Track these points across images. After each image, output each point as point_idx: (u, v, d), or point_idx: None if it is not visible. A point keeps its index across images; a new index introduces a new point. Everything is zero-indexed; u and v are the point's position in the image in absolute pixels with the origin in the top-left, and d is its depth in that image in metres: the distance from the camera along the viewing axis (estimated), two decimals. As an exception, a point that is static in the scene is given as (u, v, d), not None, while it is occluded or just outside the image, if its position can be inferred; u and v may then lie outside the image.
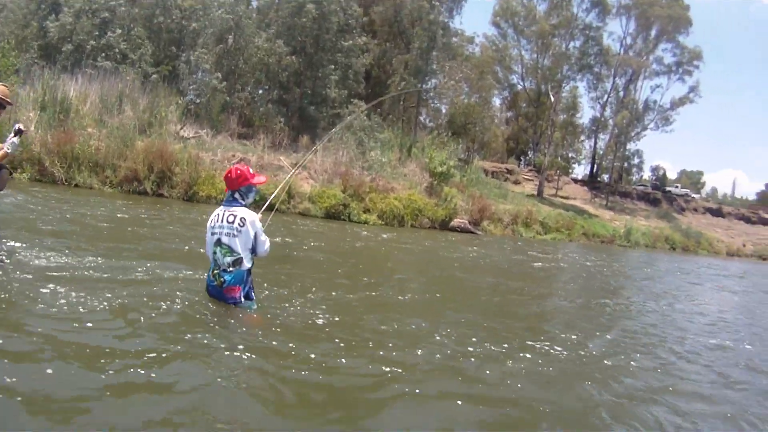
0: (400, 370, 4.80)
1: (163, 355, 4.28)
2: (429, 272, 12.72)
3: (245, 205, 5.61)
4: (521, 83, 59.61)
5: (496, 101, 62.22)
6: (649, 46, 58.77)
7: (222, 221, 5.46)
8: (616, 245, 39.53)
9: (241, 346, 4.68)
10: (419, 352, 5.50)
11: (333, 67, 33.96)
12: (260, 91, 35.34)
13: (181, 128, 25.75)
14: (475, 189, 33.82)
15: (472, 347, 5.92)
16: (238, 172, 5.56)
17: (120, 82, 25.54)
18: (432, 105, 49.90)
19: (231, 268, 5.44)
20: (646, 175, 79.32)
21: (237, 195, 5.57)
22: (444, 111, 50.85)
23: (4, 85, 6.33)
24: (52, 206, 12.89)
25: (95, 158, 19.61)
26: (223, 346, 4.63)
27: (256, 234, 5.51)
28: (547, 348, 6.34)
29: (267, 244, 5.67)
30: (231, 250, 5.41)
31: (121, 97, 24.62)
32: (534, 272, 15.97)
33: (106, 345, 4.29)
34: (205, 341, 4.70)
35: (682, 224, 56.07)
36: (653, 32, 57.86)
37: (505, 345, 6.23)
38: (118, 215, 13.29)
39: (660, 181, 78.31)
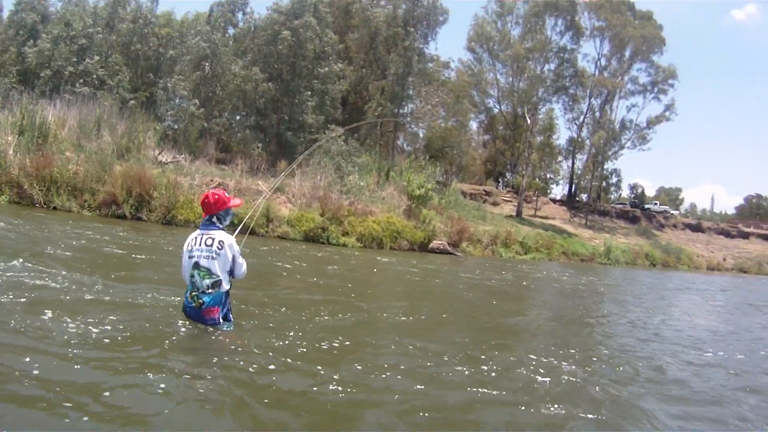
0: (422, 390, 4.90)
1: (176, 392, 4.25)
2: (430, 293, 12.85)
3: (222, 228, 5.74)
4: (497, 106, 60.62)
5: (473, 124, 63.01)
6: (623, 66, 59.69)
7: (200, 244, 5.57)
8: (596, 263, 39.81)
9: (272, 367, 4.88)
10: (445, 373, 5.59)
11: (309, 93, 34.33)
12: (238, 117, 35.59)
13: (159, 153, 25.84)
14: (453, 211, 33.97)
15: (494, 363, 6.14)
16: (216, 196, 5.68)
17: (98, 108, 25.62)
18: (409, 129, 50.24)
19: (210, 290, 5.53)
20: (625, 193, 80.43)
21: (215, 219, 5.70)
22: (421, 135, 51.40)
23: None
24: (52, 230, 13.03)
25: (73, 182, 19.77)
26: (244, 375, 4.72)
27: (234, 257, 5.65)
28: (555, 364, 6.51)
29: (244, 267, 5.81)
30: (210, 273, 5.52)
31: (99, 123, 24.68)
32: (530, 292, 16.31)
33: (112, 382, 4.19)
34: (219, 369, 4.80)
35: (662, 241, 56.60)
36: (627, 53, 58.77)
37: (512, 358, 6.50)
38: (107, 238, 13.28)
39: (638, 198, 79.18)
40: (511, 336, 8.61)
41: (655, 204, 75.00)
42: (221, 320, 5.67)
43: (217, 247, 5.52)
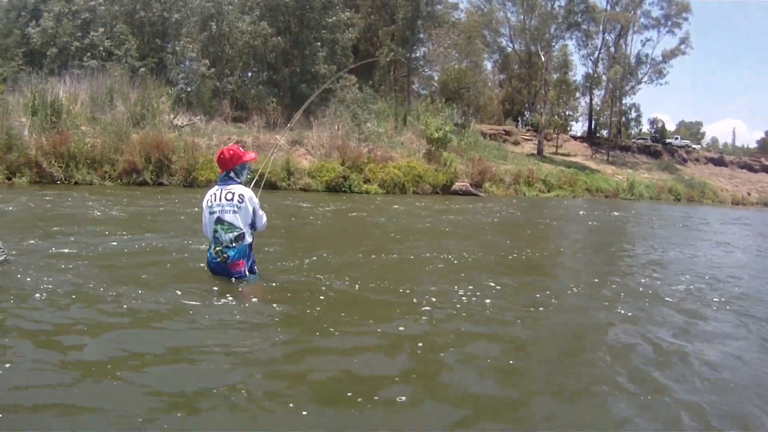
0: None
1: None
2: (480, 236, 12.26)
3: (240, 183, 5.72)
4: (510, 45, 59.37)
5: (488, 65, 62.02)
6: (635, 0, 58.19)
7: (220, 200, 5.54)
8: (620, 199, 39.30)
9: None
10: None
11: (319, 44, 33.94)
12: (249, 74, 35.44)
13: (174, 117, 25.81)
14: (474, 152, 33.73)
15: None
16: (231, 152, 5.65)
17: (108, 79, 25.61)
18: (423, 73, 49.83)
19: (234, 244, 5.52)
20: (645, 128, 78.67)
21: (232, 174, 5.67)
22: (436, 78, 50.95)
23: None
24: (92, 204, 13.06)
25: (92, 155, 19.88)
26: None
27: (254, 209, 5.63)
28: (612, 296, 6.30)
29: (264, 219, 5.81)
30: (232, 227, 5.51)
31: (111, 93, 24.70)
32: (570, 227, 16.30)
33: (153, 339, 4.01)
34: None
35: (685, 175, 55.70)
36: (639, -14, 57.23)
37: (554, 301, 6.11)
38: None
39: (659, 133, 77.41)
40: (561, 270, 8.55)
41: (676, 138, 73.31)
42: (247, 272, 5.67)
43: (238, 201, 5.51)
